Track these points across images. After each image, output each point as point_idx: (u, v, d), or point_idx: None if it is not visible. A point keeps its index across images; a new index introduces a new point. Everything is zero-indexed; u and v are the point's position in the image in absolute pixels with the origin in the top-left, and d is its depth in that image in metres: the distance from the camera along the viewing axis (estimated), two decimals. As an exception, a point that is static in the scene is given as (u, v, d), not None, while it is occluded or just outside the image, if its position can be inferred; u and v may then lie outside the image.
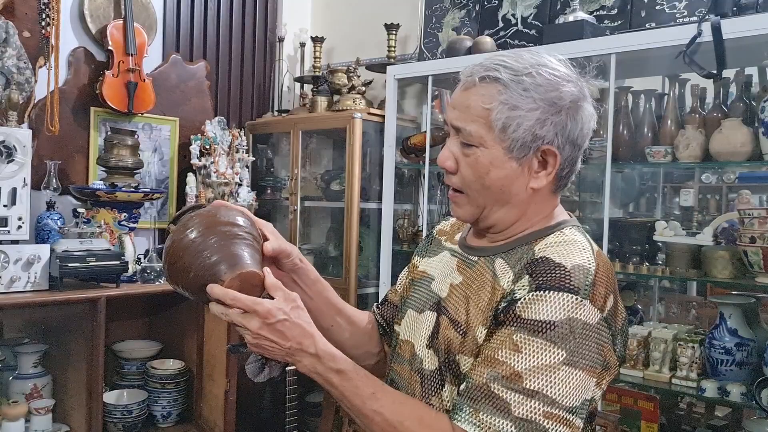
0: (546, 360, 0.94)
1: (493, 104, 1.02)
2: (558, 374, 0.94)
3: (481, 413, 0.95)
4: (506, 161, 1.03)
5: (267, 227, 1.16)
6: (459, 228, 1.26)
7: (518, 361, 0.95)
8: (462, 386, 1.01)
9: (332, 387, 1.03)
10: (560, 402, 0.94)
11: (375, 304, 1.41)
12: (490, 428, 0.94)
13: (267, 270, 1.05)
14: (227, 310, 1.00)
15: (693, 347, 2.12)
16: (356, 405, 1.02)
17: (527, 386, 0.94)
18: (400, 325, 1.24)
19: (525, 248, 1.06)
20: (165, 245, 1.06)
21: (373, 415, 1.01)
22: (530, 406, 0.93)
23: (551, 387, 0.94)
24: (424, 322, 1.14)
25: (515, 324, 0.97)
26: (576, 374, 0.95)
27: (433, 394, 1.09)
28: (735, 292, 2.23)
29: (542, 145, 1.03)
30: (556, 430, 0.94)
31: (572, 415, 0.95)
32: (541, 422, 0.93)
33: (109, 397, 2.68)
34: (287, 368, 2.72)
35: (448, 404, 1.06)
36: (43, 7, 2.71)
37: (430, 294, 1.17)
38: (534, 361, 0.94)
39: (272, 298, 1.02)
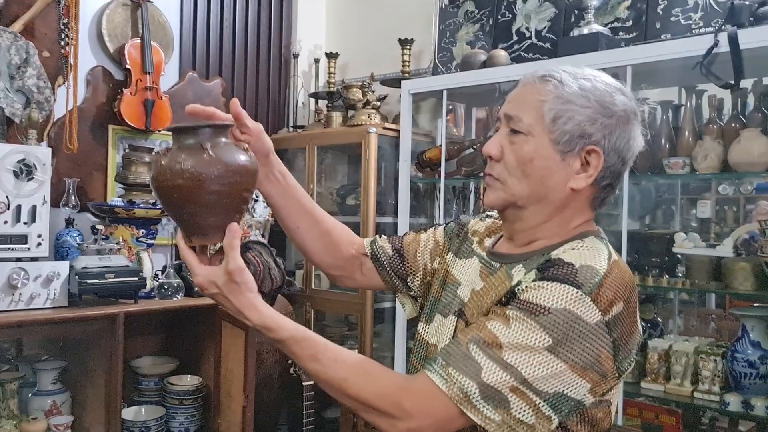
0: (530, 341, 0.94)
1: (548, 97, 1.05)
2: (537, 357, 0.94)
3: (452, 368, 0.96)
4: (551, 152, 1.05)
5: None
6: (492, 233, 1.26)
7: (504, 334, 0.96)
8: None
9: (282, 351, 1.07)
10: (531, 383, 0.94)
11: (379, 236, 1.43)
12: (455, 384, 0.95)
13: (232, 227, 1.02)
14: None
15: (715, 360, 2.09)
16: (305, 369, 1.04)
17: (504, 357, 0.94)
18: (427, 327, 1.24)
19: (546, 255, 1.06)
20: (155, 167, 1.03)
21: (318, 375, 1.03)
22: (500, 377, 0.94)
23: (526, 367, 0.94)
24: (448, 326, 1.16)
25: (512, 303, 0.99)
26: (556, 364, 0.94)
27: None
28: (757, 304, 2.20)
29: (588, 144, 1.05)
30: (519, 406, 0.94)
31: (542, 401, 0.94)
32: (505, 394, 0.94)
33: (128, 413, 2.68)
34: (304, 383, 2.73)
35: None
36: (62, 27, 2.76)
37: (455, 299, 1.19)
38: (518, 338, 0.95)
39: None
